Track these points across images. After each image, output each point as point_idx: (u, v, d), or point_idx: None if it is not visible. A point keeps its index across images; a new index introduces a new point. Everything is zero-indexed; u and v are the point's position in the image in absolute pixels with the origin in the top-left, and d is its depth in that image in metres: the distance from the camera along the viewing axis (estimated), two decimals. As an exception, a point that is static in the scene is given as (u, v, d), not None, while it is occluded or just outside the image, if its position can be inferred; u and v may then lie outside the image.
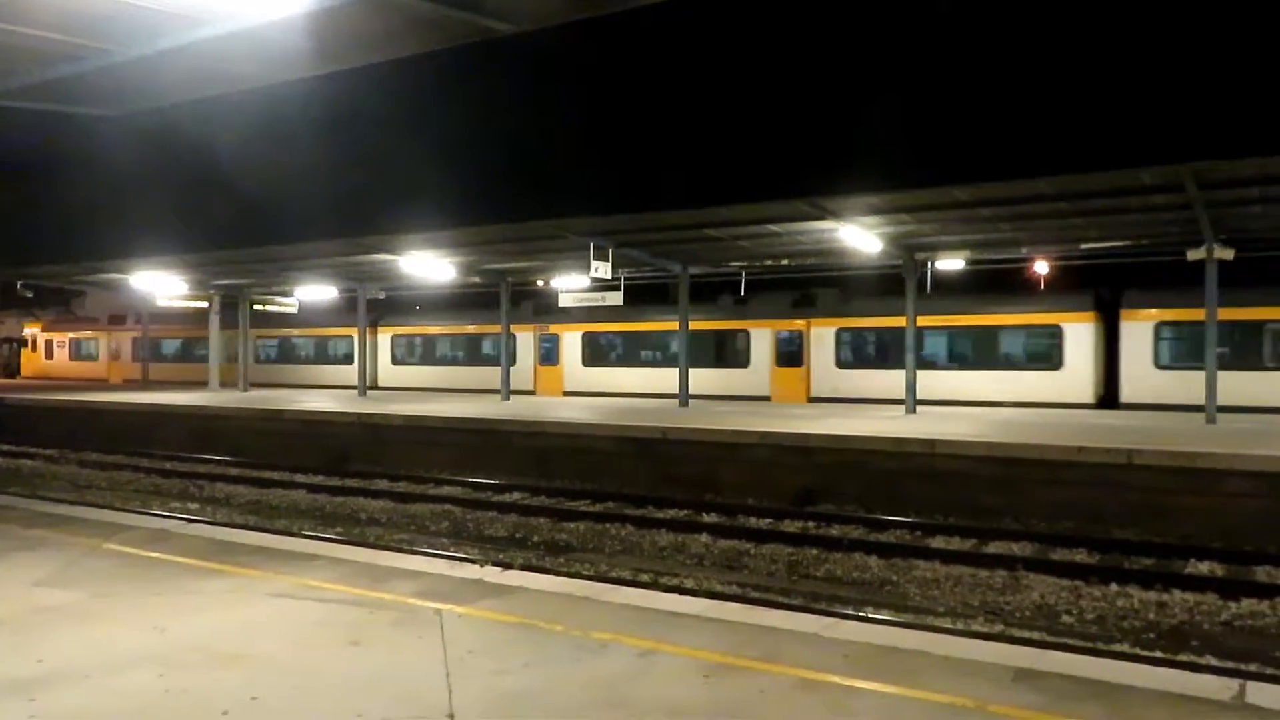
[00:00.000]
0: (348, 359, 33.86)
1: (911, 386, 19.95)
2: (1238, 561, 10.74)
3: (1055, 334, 22.59)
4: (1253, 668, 7.48)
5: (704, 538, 12.47)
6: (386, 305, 34.13)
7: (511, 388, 26.21)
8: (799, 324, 25.63)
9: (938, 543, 11.89)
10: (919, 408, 20.09)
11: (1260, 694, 4.68)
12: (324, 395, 28.67)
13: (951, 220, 17.39)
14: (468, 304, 33.85)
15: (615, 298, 23.69)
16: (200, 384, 33.22)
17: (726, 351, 26.67)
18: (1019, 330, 23.32)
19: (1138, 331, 21.70)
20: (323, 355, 35.35)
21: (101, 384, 37.77)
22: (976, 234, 18.67)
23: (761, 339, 26.10)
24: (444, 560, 8.81)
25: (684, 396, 22.69)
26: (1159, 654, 7.88)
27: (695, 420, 17.86)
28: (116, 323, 40.85)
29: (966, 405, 22.08)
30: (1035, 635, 8.37)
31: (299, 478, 17.83)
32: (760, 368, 26.02)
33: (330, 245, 23.33)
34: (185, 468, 19.66)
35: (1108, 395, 22.19)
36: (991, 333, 23.37)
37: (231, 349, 33.80)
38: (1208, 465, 12.12)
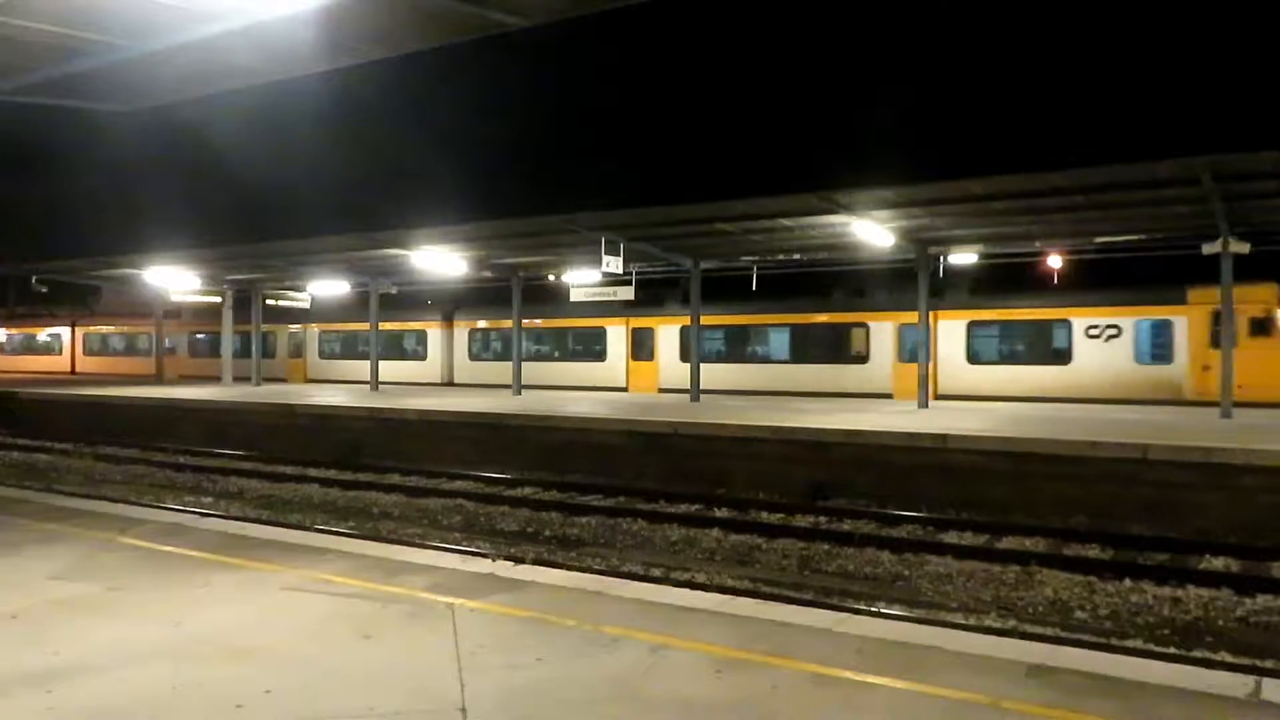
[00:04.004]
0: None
1: (924, 381, 19.95)
2: (1253, 557, 10.67)
3: (424, 336, 34.30)
4: (1268, 664, 7.44)
5: (715, 532, 12.46)
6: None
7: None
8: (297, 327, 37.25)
9: (950, 538, 11.86)
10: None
11: (1276, 690, 4.64)
12: (340, 390, 28.76)
13: (965, 214, 17.31)
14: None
15: (626, 292, 23.73)
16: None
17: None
18: (412, 334, 34.64)
19: (461, 336, 33.53)
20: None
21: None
22: (990, 228, 18.59)
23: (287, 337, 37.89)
24: (456, 554, 8.84)
25: (695, 392, 22.70)
26: (1173, 650, 7.84)
27: (706, 415, 17.85)
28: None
29: (395, 384, 31.86)
30: (1049, 631, 8.34)
31: (312, 472, 17.90)
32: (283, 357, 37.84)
33: (342, 240, 23.42)
34: (199, 462, 19.75)
35: (450, 378, 33.42)
36: (422, 336, 34.41)
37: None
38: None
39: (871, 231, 18.12)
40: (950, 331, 24.90)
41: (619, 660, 5.13)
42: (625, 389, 29.57)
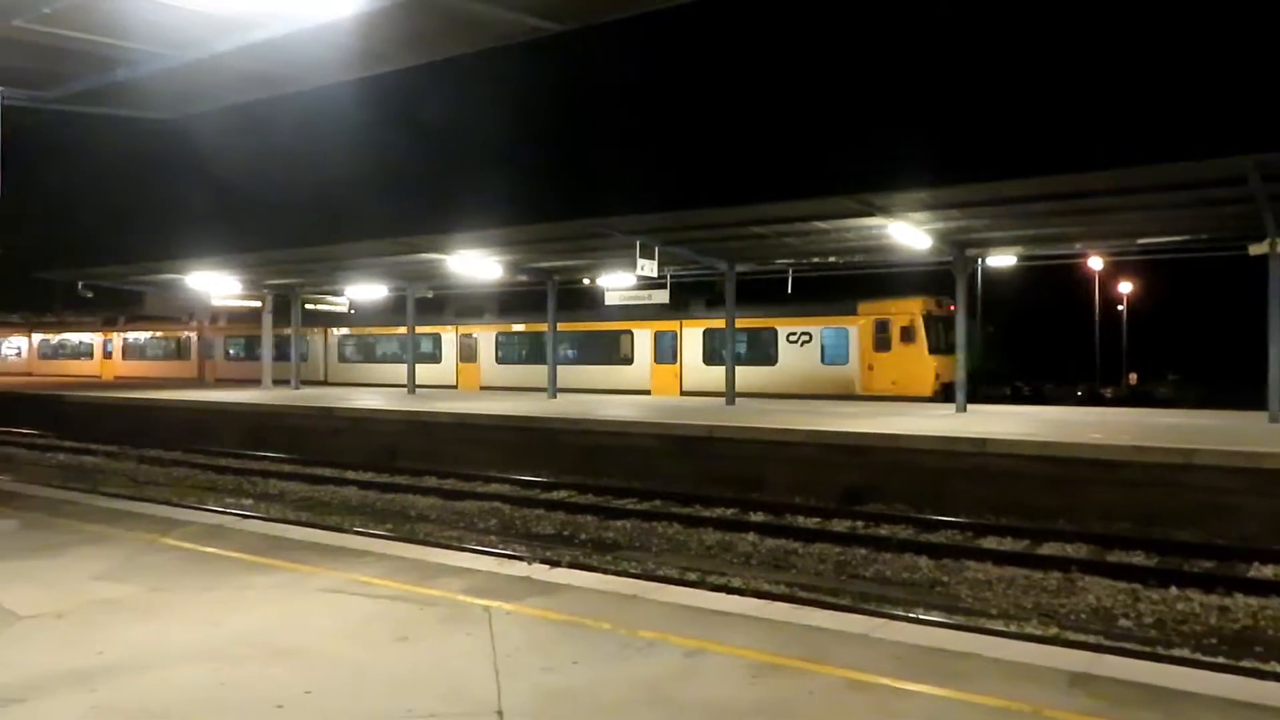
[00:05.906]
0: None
1: (963, 384, 19.76)
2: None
3: (312, 340, 38.44)
4: (1320, 675, 7.25)
5: (751, 536, 12.39)
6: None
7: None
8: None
9: (989, 543, 11.71)
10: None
11: (1329, 702, 4.53)
12: (376, 394, 29.05)
13: (1003, 216, 17.11)
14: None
15: (661, 295, 23.90)
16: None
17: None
18: (303, 339, 36.88)
19: (333, 340, 38.17)
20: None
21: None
22: (1029, 229, 18.34)
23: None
24: (492, 557, 8.86)
25: (731, 395, 22.65)
26: (1221, 660, 7.67)
27: (741, 419, 17.78)
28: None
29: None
30: (1091, 639, 8.20)
31: (350, 474, 18.07)
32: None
33: (379, 245, 23.63)
34: (240, 464, 20.03)
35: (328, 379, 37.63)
36: (257, 341, 36.81)
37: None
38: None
39: (908, 234, 17.96)
40: (692, 338, 29.02)
41: (654, 664, 5.12)
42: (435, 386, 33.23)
